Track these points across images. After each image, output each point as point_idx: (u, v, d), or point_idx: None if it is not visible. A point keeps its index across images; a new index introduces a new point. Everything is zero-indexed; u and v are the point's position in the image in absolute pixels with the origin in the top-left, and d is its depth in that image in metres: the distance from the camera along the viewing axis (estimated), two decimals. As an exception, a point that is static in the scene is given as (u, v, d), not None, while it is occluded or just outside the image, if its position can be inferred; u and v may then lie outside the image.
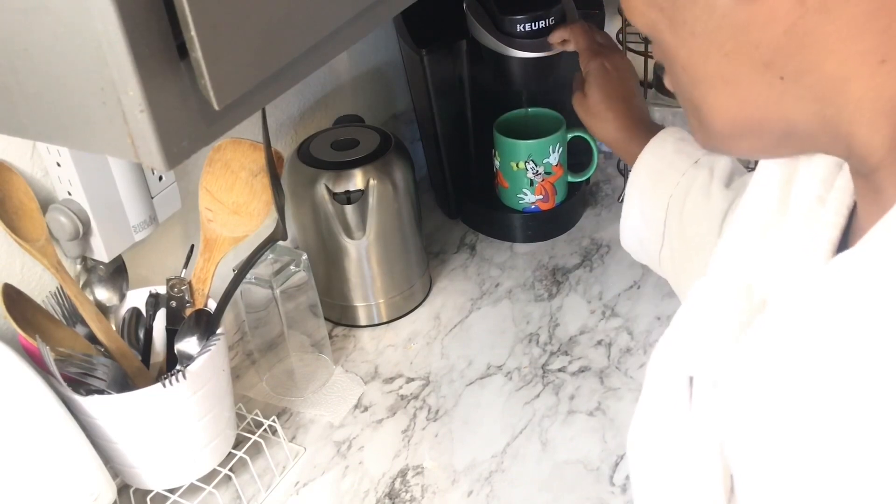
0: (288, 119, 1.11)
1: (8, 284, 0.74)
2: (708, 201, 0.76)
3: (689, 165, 0.78)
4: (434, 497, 0.87)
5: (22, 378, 0.72)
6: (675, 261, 0.80)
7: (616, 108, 0.85)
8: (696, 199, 0.77)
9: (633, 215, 0.84)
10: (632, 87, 0.87)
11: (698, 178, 0.77)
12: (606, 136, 0.87)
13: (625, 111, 0.85)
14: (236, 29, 0.40)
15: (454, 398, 0.99)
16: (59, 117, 0.41)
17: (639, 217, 0.83)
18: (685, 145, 0.80)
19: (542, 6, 0.99)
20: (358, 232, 1.03)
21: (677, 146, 0.80)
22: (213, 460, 0.86)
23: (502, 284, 1.16)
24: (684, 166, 0.79)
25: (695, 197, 0.77)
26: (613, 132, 0.86)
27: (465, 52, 1.11)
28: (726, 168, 0.77)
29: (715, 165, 0.77)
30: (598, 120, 0.87)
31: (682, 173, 0.78)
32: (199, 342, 0.82)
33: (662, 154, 0.81)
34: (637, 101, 0.87)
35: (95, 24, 0.36)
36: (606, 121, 0.86)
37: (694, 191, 0.77)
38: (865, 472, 0.35)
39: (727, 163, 0.77)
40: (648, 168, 0.81)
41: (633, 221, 0.84)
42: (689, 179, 0.78)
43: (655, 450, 0.55)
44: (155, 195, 0.86)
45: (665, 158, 0.80)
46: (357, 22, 0.49)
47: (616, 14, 1.21)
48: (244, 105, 0.44)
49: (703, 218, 0.76)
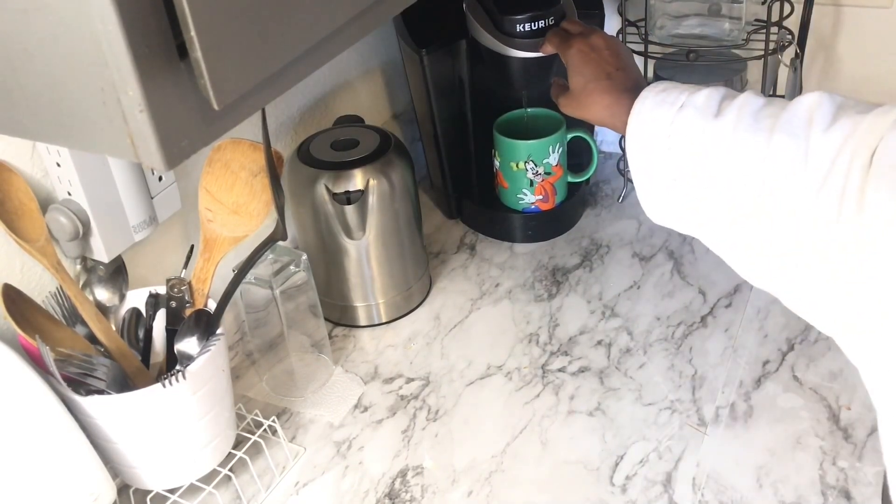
0: (288, 119, 1.11)
1: (8, 284, 0.74)
2: (704, 139, 0.71)
3: (675, 112, 0.73)
4: (434, 497, 0.87)
5: (22, 378, 0.72)
6: (705, 216, 0.74)
7: (598, 88, 0.82)
8: (693, 142, 0.72)
9: (646, 186, 0.78)
10: (612, 60, 0.83)
11: (686, 121, 0.72)
12: (600, 120, 0.83)
13: (606, 87, 0.81)
14: (236, 29, 0.40)
15: (454, 398, 0.99)
16: (59, 117, 0.41)
17: (651, 186, 0.77)
18: (667, 94, 0.75)
19: (542, 6, 0.99)
20: (358, 232, 1.03)
21: (658, 98, 0.75)
22: (213, 460, 0.86)
23: (502, 284, 1.16)
24: (671, 114, 0.74)
25: (691, 140, 0.72)
26: (603, 112, 0.82)
27: (465, 52, 1.11)
28: (711, 98, 0.72)
29: (697, 101, 0.73)
30: (582, 107, 0.84)
31: (671, 122, 0.73)
32: (199, 342, 0.82)
33: (646, 112, 0.75)
34: (621, 73, 0.82)
35: (95, 24, 0.36)
36: (593, 104, 0.82)
37: (688, 135, 0.72)
38: None
39: (709, 93, 0.73)
40: (637, 132, 0.76)
41: (648, 193, 0.78)
42: (678, 127, 0.73)
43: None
44: (155, 195, 0.86)
45: (650, 114, 0.75)
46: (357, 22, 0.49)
47: (616, 14, 1.21)
48: (244, 105, 0.44)
49: (706, 158, 0.71)
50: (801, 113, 0.65)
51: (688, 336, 1.04)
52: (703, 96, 0.73)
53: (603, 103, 0.81)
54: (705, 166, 0.71)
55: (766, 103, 0.70)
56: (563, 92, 0.88)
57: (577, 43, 0.85)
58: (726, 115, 0.70)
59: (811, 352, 1.00)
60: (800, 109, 0.66)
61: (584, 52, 0.84)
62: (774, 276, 0.69)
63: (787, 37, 1.17)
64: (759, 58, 1.16)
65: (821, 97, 0.65)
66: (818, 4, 1.22)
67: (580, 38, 0.85)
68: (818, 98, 0.65)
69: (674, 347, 1.03)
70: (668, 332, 1.05)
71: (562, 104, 0.88)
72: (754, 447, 0.89)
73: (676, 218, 0.77)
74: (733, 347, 1.02)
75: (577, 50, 0.84)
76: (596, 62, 0.83)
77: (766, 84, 1.19)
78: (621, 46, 0.86)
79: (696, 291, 1.11)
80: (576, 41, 0.85)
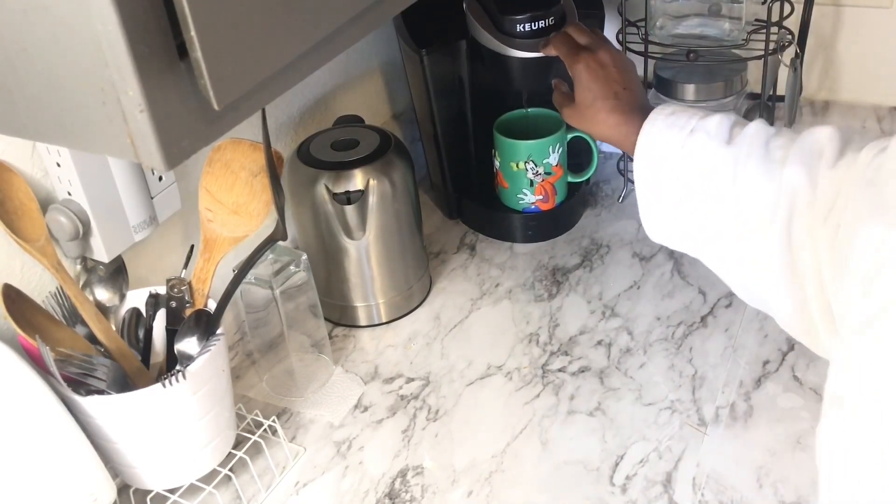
0: (288, 119, 1.11)
1: (8, 284, 0.74)
2: (714, 165, 0.73)
3: (686, 136, 0.76)
4: (434, 497, 0.87)
5: (22, 378, 0.72)
6: (704, 235, 0.77)
7: (605, 107, 0.83)
8: (702, 167, 0.74)
9: (649, 205, 0.80)
10: (620, 78, 0.85)
11: (697, 146, 0.75)
12: (605, 137, 0.86)
13: (614, 106, 0.83)
14: (236, 29, 0.40)
15: (454, 398, 0.99)
16: (59, 117, 0.41)
17: (654, 205, 0.80)
18: (676, 118, 0.77)
19: (542, 6, 0.99)
20: (358, 232, 1.03)
21: (669, 121, 0.78)
22: (213, 460, 0.86)
23: (502, 284, 1.16)
24: (681, 138, 0.76)
25: (700, 165, 0.75)
26: (609, 130, 0.84)
27: (465, 52, 1.11)
28: (722, 125, 0.75)
29: (709, 128, 0.75)
30: (591, 123, 0.86)
31: (681, 146, 0.76)
32: (199, 342, 0.82)
33: (657, 134, 0.78)
34: (628, 93, 0.84)
35: (95, 24, 0.36)
36: (599, 122, 0.85)
37: (698, 160, 0.75)
38: None
39: (720, 120, 0.75)
40: (646, 154, 0.78)
41: (651, 211, 0.81)
42: (689, 151, 0.75)
43: None
44: (155, 195, 0.86)
45: (661, 136, 0.77)
46: (357, 22, 0.49)
47: (616, 14, 1.21)
48: (244, 105, 0.44)
49: (713, 183, 0.73)
50: (813, 146, 0.69)
51: (688, 336, 1.04)
52: (714, 122, 0.75)
53: (610, 122, 0.83)
54: (715, 187, 0.74)
55: (777, 133, 0.73)
56: (566, 101, 0.89)
57: (585, 58, 0.86)
58: (738, 142, 0.73)
59: (811, 352, 1.00)
60: (811, 141, 0.69)
61: (592, 68, 0.85)
62: (769, 294, 0.72)
63: (787, 37, 1.17)
64: (759, 58, 1.16)
65: (832, 133, 0.68)
66: (818, 4, 1.22)
67: (588, 53, 0.87)
68: (830, 133, 0.68)
69: (674, 347, 1.03)
70: (668, 332, 1.05)
71: (566, 115, 0.89)
72: (754, 447, 0.89)
73: (679, 236, 0.80)
74: (733, 347, 1.02)
75: (585, 65, 0.85)
76: (604, 80, 0.85)
77: (766, 84, 1.19)
78: (628, 63, 0.88)
79: (696, 291, 1.11)
80: (583, 56, 0.86)
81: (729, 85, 1.18)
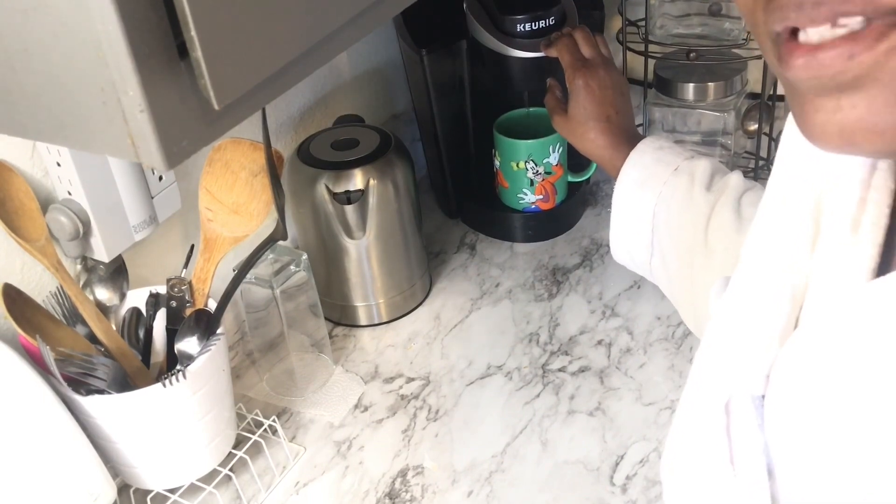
0: (288, 119, 1.11)
1: (8, 284, 0.74)
2: (691, 206, 0.77)
3: (670, 174, 0.80)
4: (434, 497, 0.87)
5: (22, 378, 0.72)
6: (667, 268, 0.81)
7: (597, 128, 0.87)
8: (680, 206, 0.78)
9: (621, 228, 0.85)
10: (615, 102, 0.88)
11: (680, 186, 0.78)
12: (590, 154, 0.89)
13: (605, 129, 0.87)
14: (236, 29, 0.40)
15: (454, 398, 0.99)
16: (59, 117, 0.41)
17: (626, 229, 0.84)
18: (664, 154, 0.81)
19: (542, 6, 0.99)
20: (358, 232, 1.03)
21: (656, 156, 0.81)
22: (213, 460, 0.86)
23: (502, 284, 1.16)
24: (665, 175, 0.80)
25: (678, 204, 0.78)
26: (596, 150, 0.88)
27: (465, 52, 1.11)
28: (706, 171, 0.78)
29: (695, 171, 0.78)
30: (580, 139, 0.89)
31: (664, 182, 0.79)
32: (199, 342, 0.82)
33: (643, 165, 0.81)
34: (620, 117, 0.88)
35: (95, 24, 0.36)
36: (587, 140, 0.88)
37: (677, 198, 0.78)
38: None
39: (706, 166, 0.78)
40: (630, 181, 0.82)
41: (621, 234, 0.85)
42: (671, 188, 0.79)
43: (694, 480, 0.54)
44: (155, 195, 0.86)
45: (646, 169, 0.81)
46: (357, 22, 0.49)
47: (616, 14, 1.21)
48: (244, 105, 0.44)
49: (687, 223, 0.77)
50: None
51: (688, 336, 1.04)
52: (699, 167, 0.79)
53: (598, 143, 0.87)
54: (691, 226, 0.77)
55: (749, 189, 0.76)
56: (558, 108, 0.92)
57: (586, 74, 0.88)
58: (717, 190, 0.77)
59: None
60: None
61: (591, 87, 0.88)
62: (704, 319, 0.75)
63: (788, 36, 1.17)
64: (759, 57, 1.16)
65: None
66: (818, 4, 1.22)
67: (590, 69, 0.89)
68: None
69: (674, 347, 1.03)
70: (668, 332, 1.05)
71: (556, 123, 0.93)
72: (754, 447, 0.89)
73: (642, 261, 0.84)
74: (733, 347, 1.02)
75: (585, 83, 0.88)
76: (600, 101, 0.87)
77: (766, 84, 1.19)
78: (625, 86, 0.91)
79: (696, 291, 1.11)
80: (585, 72, 0.88)
81: (729, 85, 1.18)
